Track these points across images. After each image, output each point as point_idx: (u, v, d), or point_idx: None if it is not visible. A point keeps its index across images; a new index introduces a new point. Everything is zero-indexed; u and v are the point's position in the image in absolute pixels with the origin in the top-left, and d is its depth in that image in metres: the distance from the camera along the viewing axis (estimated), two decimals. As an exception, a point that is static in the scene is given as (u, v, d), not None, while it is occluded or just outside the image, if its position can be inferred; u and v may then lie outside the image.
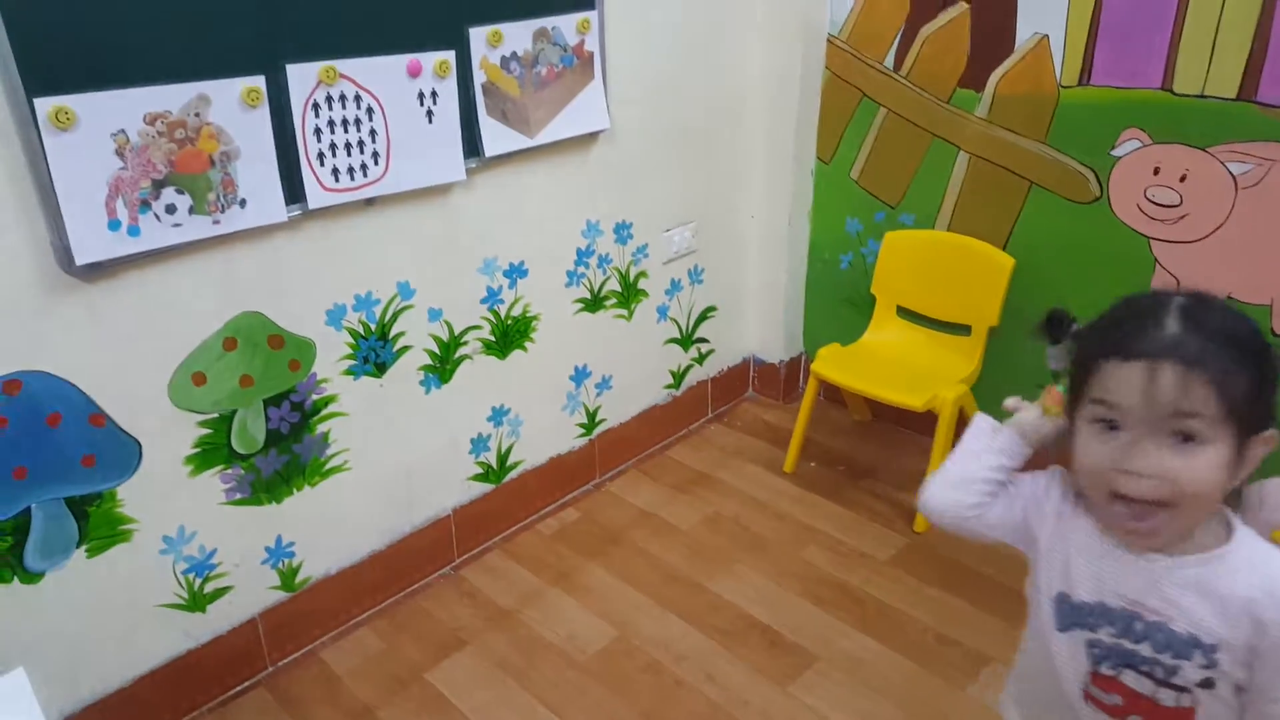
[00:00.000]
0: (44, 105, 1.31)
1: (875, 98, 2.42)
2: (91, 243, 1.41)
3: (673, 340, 2.54)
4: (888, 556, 2.17)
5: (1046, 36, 2.10)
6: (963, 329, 2.37)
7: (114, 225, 1.43)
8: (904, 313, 2.49)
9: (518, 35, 1.88)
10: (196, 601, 1.73)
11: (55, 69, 1.32)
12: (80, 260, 1.41)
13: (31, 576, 1.50)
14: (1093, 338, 0.93)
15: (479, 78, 1.84)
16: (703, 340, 2.64)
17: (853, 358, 2.42)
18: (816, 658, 1.89)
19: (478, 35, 1.80)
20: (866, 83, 2.42)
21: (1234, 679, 0.89)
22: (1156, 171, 2.06)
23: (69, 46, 1.32)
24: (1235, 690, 0.89)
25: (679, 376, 2.61)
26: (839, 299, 2.69)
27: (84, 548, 1.55)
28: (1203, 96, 1.95)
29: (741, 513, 2.33)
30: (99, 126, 1.37)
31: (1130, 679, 0.94)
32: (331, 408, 1.82)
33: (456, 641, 1.95)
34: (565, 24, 1.95)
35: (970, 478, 1.05)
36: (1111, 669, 0.95)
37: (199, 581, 1.72)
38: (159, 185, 1.46)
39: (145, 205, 1.46)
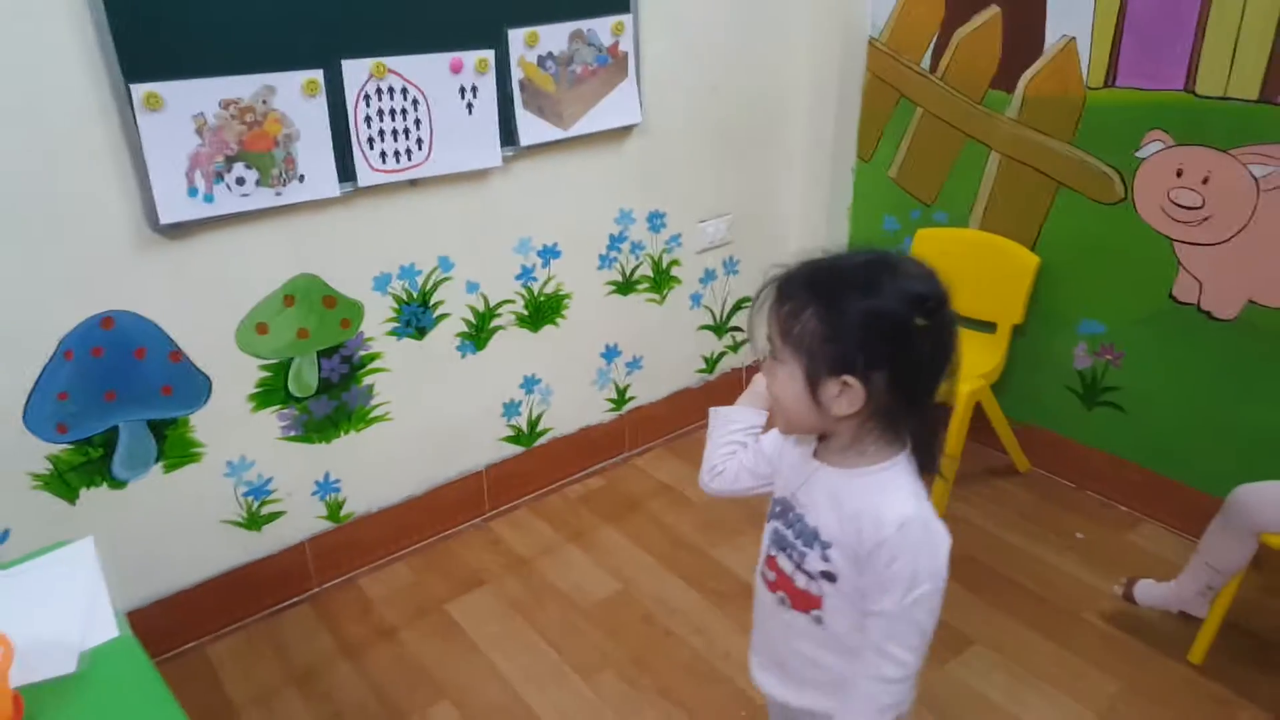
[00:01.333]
0: (138, 90, 1.61)
1: (912, 98, 2.51)
2: (174, 206, 1.71)
3: (706, 327, 2.70)
4: (892, 539, 2.25)
5: (1074, 39, 2.15)
6: (989, 326, 2.42)
7: (193, 193, 1.72)
8: (934, 309, 2.56)
9: (554, 36, 2.09)
10: (253, 521, 2.01)
11: (148, 60, 1.61)
12: (164, 220, 1.70)
13: (117, 483, 1.81)
14: None
15: (516, 74, 2.06)
16: (737, 329, 2.78)
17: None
18: (802, 622, 2.00)
19: (516, 36, 2.03)
20: (904, 83, 2.52)
21: (852, 581, 1.02)
22: (1179, 173, 2.07)
23: (159, 41, 1.61)
24: (859, 593, 1.02)
25: (711, 362, 2.76)
26: (877, 295, 2.77)
27: (161, 464, 1.85)
28: (1225, 98, 1.96)
29: (758, 490, 2.45)
30: (182, 109, 1.67)
31: (781, 560, 1.10)
32: (376, 364, 2.08)
33: (476, 581, 2.17)
34: (600, 26, 2.15)
35: (719, 461, 1.24)
36: (773, 551, 1.12)
37: (256, 504, 2.00)
38: (230, 160, 1.74)
39: (219, 177, 1.74)
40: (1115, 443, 2.35)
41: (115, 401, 1.77)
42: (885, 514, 0.98)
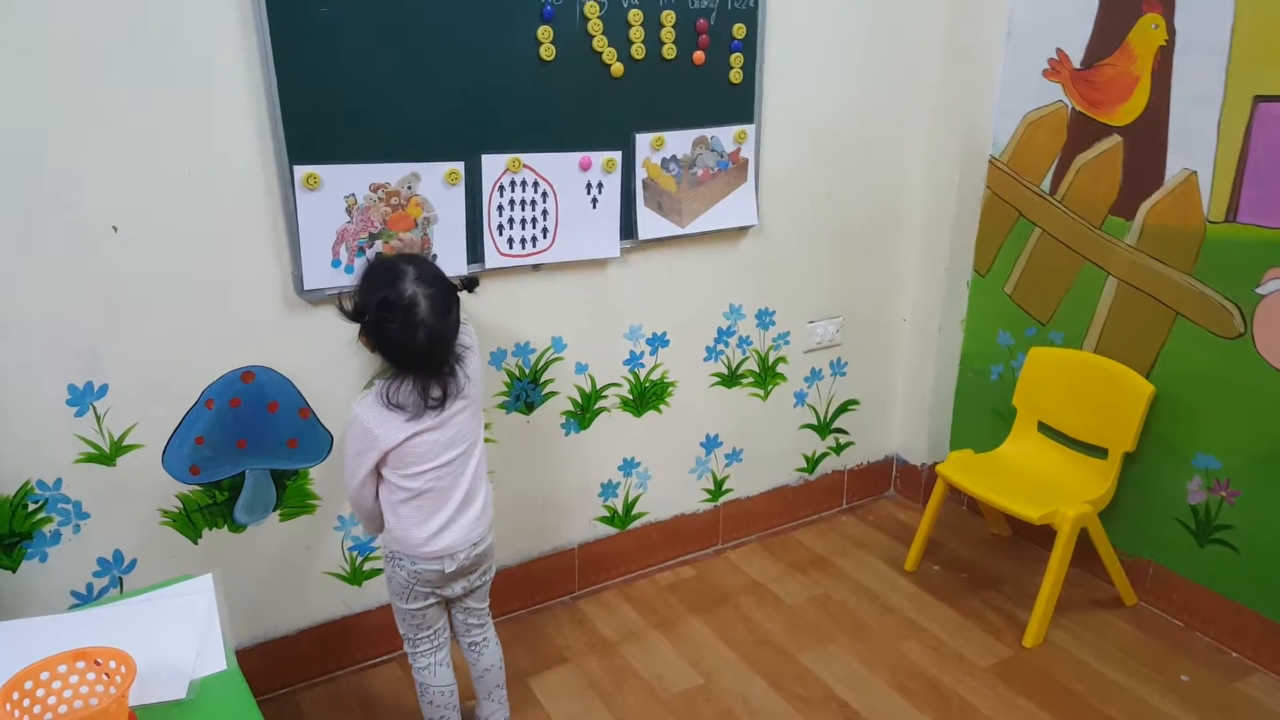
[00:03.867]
0: (300, 171, 1.79)
1: (1031, 218, 2.51)
2: (318, 275, 1.87)
3: (809, 426, 2.70)
4: (988, 664, 2.15)
5: (1195, 173, 2.12)
6: (1100, 451, 2.33)
7: (335, 264, 1.88)
8: (1045, 429, 2.49)
9: (679, 141, 2.20)
10: (355, 576, 2.10)
11: (311, 144, 1.79)
12: (308, 286, 1.86)
13: (237, 527, 1.94)
14: None
15: (640, 174, 2.18)
16: (841, 431, 2.76)
17: (983, 465, 2.44)
18: (885, 741, 1.93)
19: (643, 140, 2.15)
20: (1023, 203, 2.52)
21: None
22: (1303, 311, 1.99)
23: (323, 128, 1.79)
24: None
25: (813, 462, 2.74)
26: (987, 409, 2.72)
27: (278, 512, 1.98)
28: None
29: (850, 599, 2.40)
30: (337, 190, 1.84)
31: None
32: (487, 434, 2.17)
33: (559, 658, 2.19)
34: (724, 134, 2.26)
35: (372, 509, 1.70)
36: None
37: (360, 560, 2.10)
38: (374, 237, 1.90)
39: (361, 251, 1.90)
40: (1228, 584, 2.20)
41: (245, 450, 1.91)
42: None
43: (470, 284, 1.71)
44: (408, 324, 1.51)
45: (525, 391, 2.20)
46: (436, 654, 1.80)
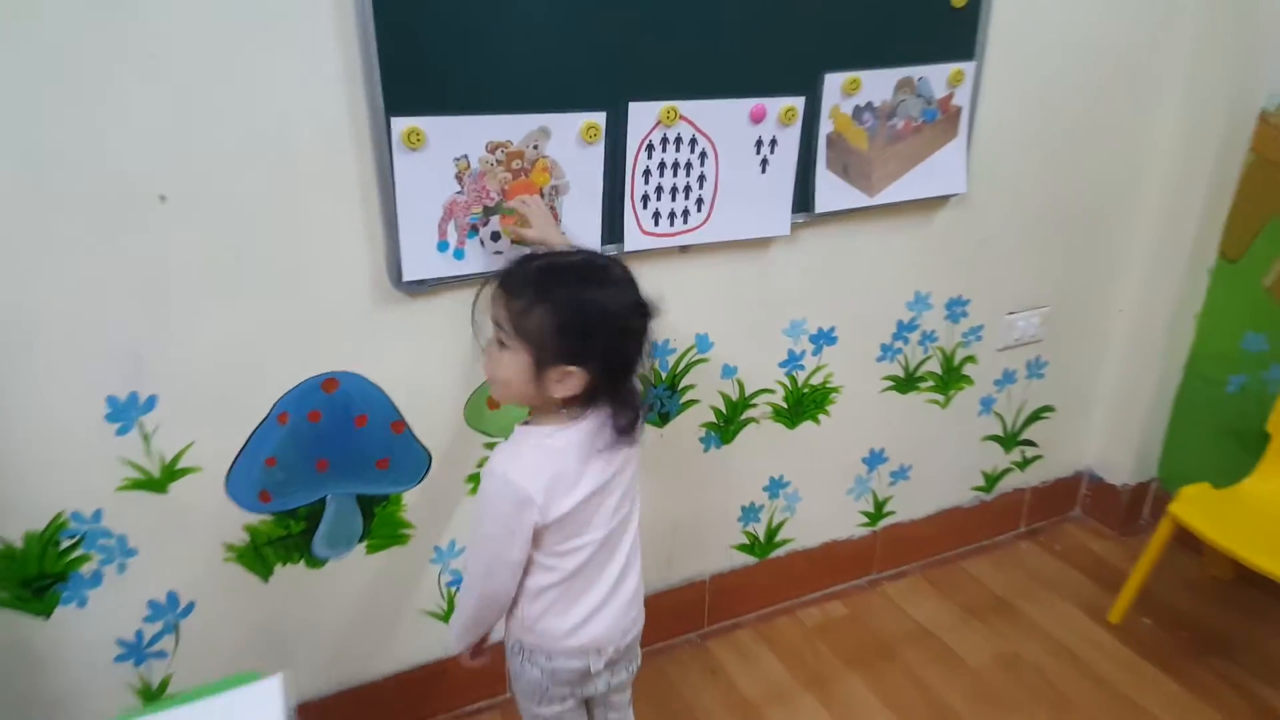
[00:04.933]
0: (399, 125, 1.35)
1: (1317, 191, 1.93)
2: (420, 261, 1.45)
3: (993, 438, 2.22)
4: (1234, 771, 1.71)
5: None
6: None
7: (442, 246, 1.46)
8: (1310, 463, 1.97)
9: (878, 84, 1.69)
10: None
11: (413, 91, 1.35)
12: (408, 276, 1.45)
13: (316, 562, 1.59)
14: None
15: (825, 128, 1.68)
16: (1029, 443, 2.28)
17: (1229, 507, 1.94)
18: None
19: (833, 82, 1.64)
20: (1308, 171, 1.94)
21: None
22: None
23: (428, 71, 1.34)
24: None
25: (992, 479, 2.27)
26: (1218, 428, 2.19)
27: (365, 543, 1.62)
28: None
29: (1048, 662, 1.95)
30: (445, 150, 1.40)
31: None
32: (611, 451, 1.76)
33: (690, 719, 1.82)
34: (935, 75, 1.73)
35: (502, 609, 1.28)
36: None
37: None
38: (489, 212, 1.47)
39: (473, 230, 1.47)
40: None
41: (327, 472, 1.54)
42: (494, 456, 1.20)
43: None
44: (649, 329, 1.20)
45: (661, 399, 1.78)
46: None
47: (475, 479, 1.66)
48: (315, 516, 1.56)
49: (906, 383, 2.03)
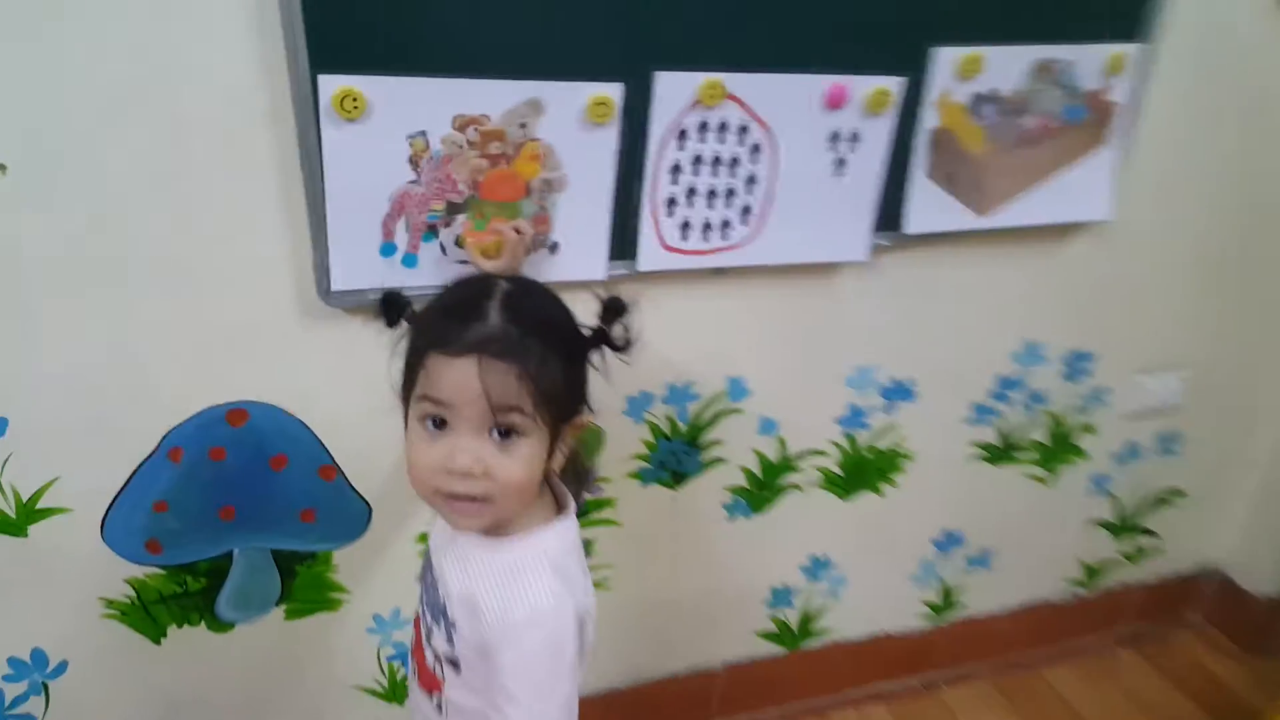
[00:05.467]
0: (329, 85, 0.98)
1: None
2: (356, 267, 1.09)
3: (1102, 523, 1.77)
4: None
5: None
6: None
7: (387, 250, 1.09)
8: None
9: (1007, 65, 1.24)
10: (396, 693, 1.42)
11: (349, 39, 0.98)
12: (339, 285, 1.09)
13: (220, 625, 1.27)
14: (421, 327, 0.87)
15: (929, 120, 1.24)
16: (1148, 532, 1.82)
17: None
18: None
19: (946, 59, 1.20)
20: None
21: (479, 673, 0.87)
22: None
23: (372, 11, 0.97)
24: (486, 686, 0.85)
25: (1094, 572, 1.83)
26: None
27: (284, 607, 1.30)
28: None
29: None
30: (394, 123, 1.02)
31: (420, 627, 0.98)
32: (605, 513, 1.40)
33: None
34: (1086, 59, 1.27)
35: None
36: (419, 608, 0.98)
37: (403, 672, 1.42)
38: (454, 210, 1.09)
39: (431, 232, 1.10)
40: None
41: (233, 521, 1.21)
42: (514, 603, 0.84)
43: (616, 311, 0.89)
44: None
45: (676, 455, 1.40)
46: None
47: (425, 538, 1.32)
48: (220, 572, 1.25)
49: (1002, 452, 1.60)
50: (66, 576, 1.17)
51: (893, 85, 1.20)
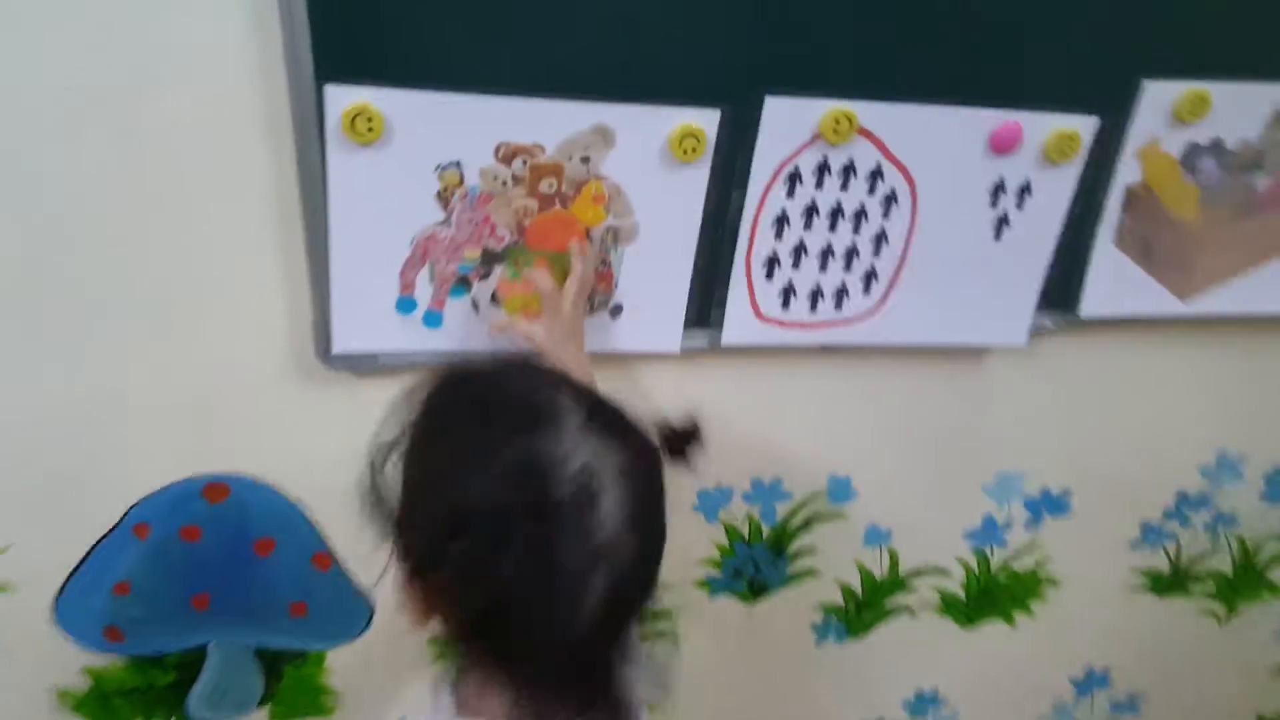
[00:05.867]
0: (338, 99, 0.75)
1: None
2: (364, 324, 0.86)
3: (1289, 673, 1.42)
4: None
5: None
6: None
7: (405, 306, 0.86)
8: None
9: (1237, 109, 0.92)
10: (400, 807, 1.21)
11: (364, 44, 0.74)
12: (341, 347, 0.87)
13: (192, 725, 1.08)
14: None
15: (1126, 174, 0.93)
16: (1346, 689, 1.46)
17: None
18: None
19: (1160, 97, 0.89)
20: None
21: None
22: None
23: (392, 14, 0.73)
24: None
25: (1271, 729, 1.48)
26: None
27: (267, 709, 1.09)
28: None
29: None
30: (419, 149, 0.79)
31: None
32: (661, 624, 1.14)
33: None
34: (1357, 101, 0.94)
35: None
36: None
37: (410, 786, 1.20)
38: (491, 260, 0.85)
39: (462, 286, 0.86)
40: None
41: (208, 611, 1.01)
42: None
43: (688, 438, 0.61)
44: (565, 552, 0.51)
45: (756, 563, 1.13)
46: None
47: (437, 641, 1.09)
48: (194, 665, 1.04)
49: (1172, 582, 1.27)
50: (14, 661, 0.99)
51: (1083, 126, 0.89)
